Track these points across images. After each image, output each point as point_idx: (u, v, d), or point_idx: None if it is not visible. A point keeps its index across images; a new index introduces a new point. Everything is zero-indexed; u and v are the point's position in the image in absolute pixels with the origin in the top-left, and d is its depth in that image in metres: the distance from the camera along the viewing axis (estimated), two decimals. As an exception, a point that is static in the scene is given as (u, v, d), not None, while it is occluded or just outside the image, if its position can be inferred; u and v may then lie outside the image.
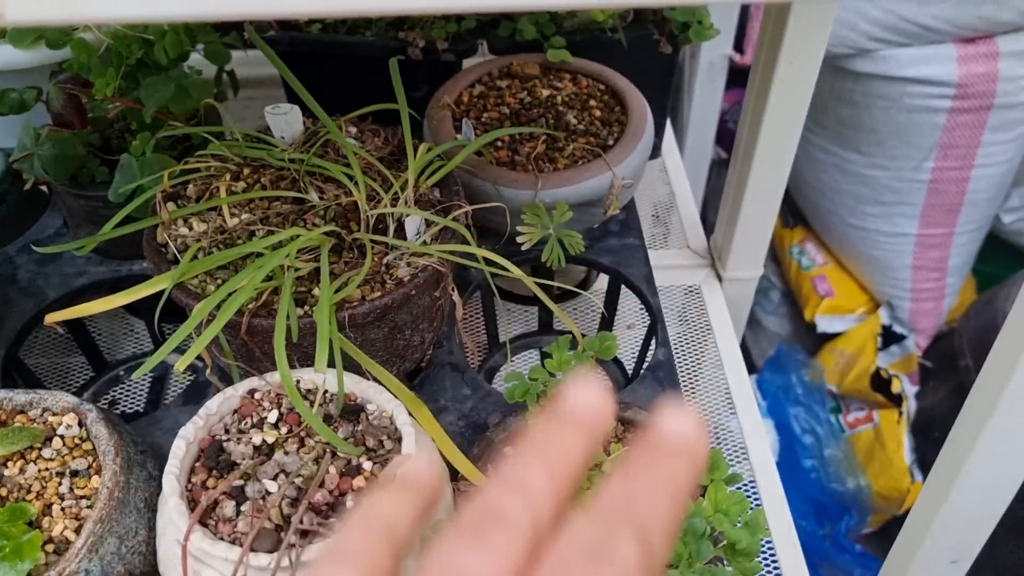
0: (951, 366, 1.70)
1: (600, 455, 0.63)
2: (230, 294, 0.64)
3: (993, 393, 0.62)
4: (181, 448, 0.62)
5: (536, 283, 0.72)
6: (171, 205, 0.74)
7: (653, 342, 0.87)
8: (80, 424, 0.68)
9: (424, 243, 0.72)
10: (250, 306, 0.66)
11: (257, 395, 0.67)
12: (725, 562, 0.61)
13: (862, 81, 1.45)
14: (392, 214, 0.72)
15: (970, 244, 1.64)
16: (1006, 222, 1.69)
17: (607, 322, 0.98)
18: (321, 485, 0.60)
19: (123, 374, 0.97)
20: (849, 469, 1.54)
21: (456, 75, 0.98)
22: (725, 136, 1.89)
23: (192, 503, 0.61)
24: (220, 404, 0.66)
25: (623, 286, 0.93)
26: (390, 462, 0.62)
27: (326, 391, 0.66)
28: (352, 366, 0.68)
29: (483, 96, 0.96)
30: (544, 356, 1.01)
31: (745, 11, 1.51)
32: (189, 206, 0.73)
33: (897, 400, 1.61)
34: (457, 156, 0.79)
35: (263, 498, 0.60)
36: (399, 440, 0.63)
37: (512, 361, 1.00)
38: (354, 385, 0.67)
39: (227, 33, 1.01)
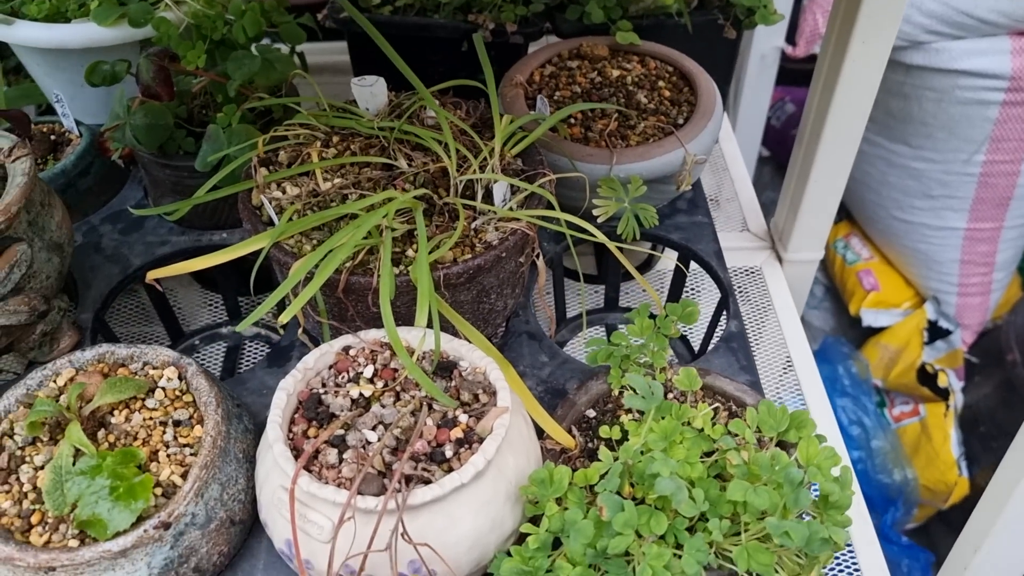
0: (997, 362, 1.70)
1: (690, 411, 0.64)
2: (329, 251, 0.66)
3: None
4: (282, 399, 0.64)
5: (618, 249, 0.74)
6: (264, 171, 0.77)
7: (723, 317, 0.88)
8: (180, 378, 0.70)
9: (511, 209, 0.74)
10: (347, 264, 0.68)
11: (352, 352, 0.69)
12: (811, 517, 0.62)
13: (913, 73, 1.46)
14: (480, 180, 0.74)
15: (1019, 239, 1.64)
16: (1054, 218, 1.69)
17: (674, 299, 0.99)
18: (420, 436, 0.62)
19: (199, 343, 0.99)
20: (896, 461, 1.54)
21: (526, 56, 1.00)
22: (768, 133, 1.90)
23: (296, 451, 0.62)
24: (317, 359, 0.68)
25: (692, 263, 0.94)
26: (486, 414, 0.64)
27: (423, 348, 0.68)
28: (444, 326, 0.70)
29: (554, 76, 0.98)
30: (611, 332, 1.03)
31: (798, 3, 1.53)
32: (283, 170, 0.75)
33: (944, 394, 1.61)
34: (539, 128, 0.80)
35: (364, 447, 0.62)
36: (494, 394, 0.65)
37: (582, 335, 1.01)
38: (447, 343, 0.68)
39: (301, 15, 1.04)
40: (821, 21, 1.44)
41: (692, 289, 1.05)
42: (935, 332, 1.70)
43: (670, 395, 0.75)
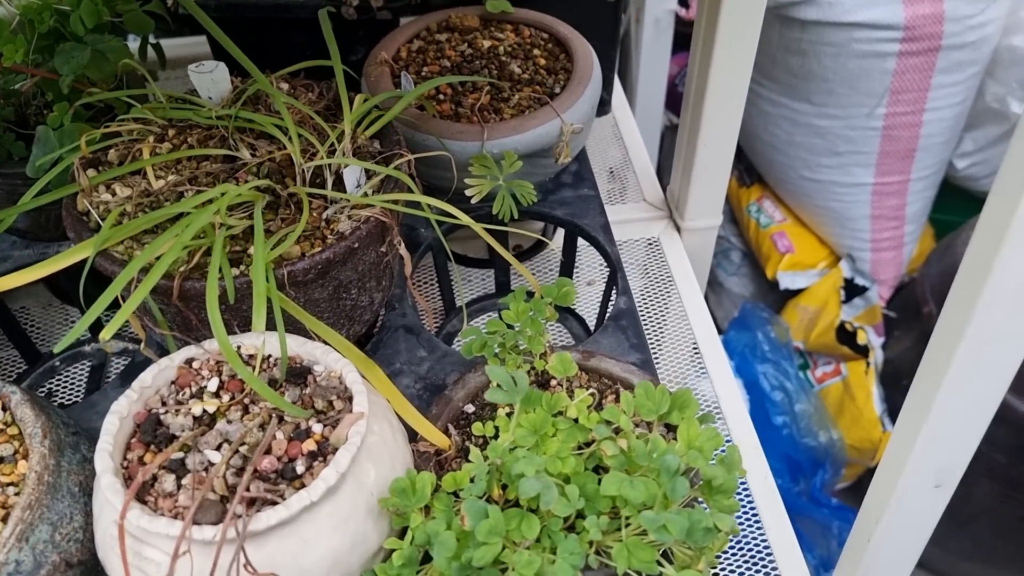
0: (915, 315, 1.69)
1: (565, 400, 0.59)
2: (158, 257, 0.59)
3: (959, 323, 0.59)
4: (114, 424, 0.58)
5: (489, 234, 0.69)
6: (91, 172, 0.70)
7: (614, 293, 0.84)
8: (4, 408, 0.63)
9: (365, 195, 0.68)
10: (181, 269, 0.61)
11: (195, 364, 0.62)
12: (702, 503, 0.58)
13: (809, 29, 1.43)
14: (329, 166, 0.68)
15: (926, 191, 1.64)
16: (959, 167, 1.69)
17: (567, 277, 0.94)
18: (268, 451, 0.56)
19: (59, 364, 0.92)
20: (820, 423, 1.53)
21: (393, 31, 0.94)
22: (675, 101, 1.87)
23: (129, 481, 0.56)
24: (155, 376, 0.61)
25: (580, 239, 0.89)
26: (340, 422, 0.58)
27: (268, 355, 0.62)
28: (297, 328, 0.64)
29: (422, 51, 0.92)
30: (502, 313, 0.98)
31: (688, -36, 1.49)
32: (111, 170, 0.68)
33: (864, 351, 1.60)
34: (396, 105, 0.75)
35: (206, 469, 0.56)
36: (350, 399, 0.59)
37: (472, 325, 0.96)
38: (299, 347, 0.62)
39: (148, 1, 0.96)
40: (712, -19, 1.41)
41: (588, 267, 1.01)
42: (852, 290, 1.69)
43: (552, 383, 0.70)
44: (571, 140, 0.84)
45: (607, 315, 0.80)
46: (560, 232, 1.04)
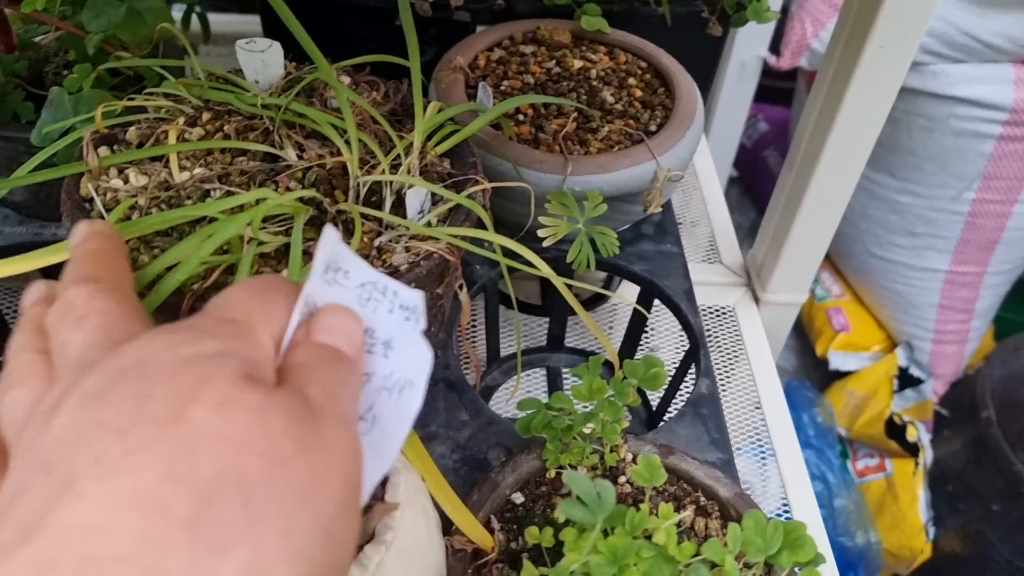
0: (970, 416, 1.56)
1: (649, 519, 0.47)
2: (169, 268, 0.47)
3: None
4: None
5: (568, 279, 0.57)
6: (105, 150, 0.58)
7: (691, 370, 0.72)
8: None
9: (428, 224, 0.56)
10: (195, 286, 0.49)
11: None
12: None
13: (906, 96, 1.32)
14: (390, 184, 0.56)
15: (1001, 286, 1.51)
16: (1037, 266, 1.56)
17: (630, 344, 0.82)
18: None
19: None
20: (859, 522, 1.39)
21: (472, 36, 0.82)
22: (737, 152, 1.75)
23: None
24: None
25: (656, 301, 0.77)
26: (369, 511, 0.46)
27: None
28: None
29: (503, 62, 0.80)
30: (552, 376, 0.86)
31: (785, 9, 1.37)
32: (127, 152, 0.56)
33: (913, 450, 1.47)
34: (475, 121, 0.63)
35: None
36: (384, 481, 0.47)
37: (519, 380, 0.84)
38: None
39: (202, -34, 0.85)
40: (810, 30, 1.29)
41: (651, 328, 0.89)
42: (905, 380, 1.56)
43: (621, 479, 0.57)
44: (665, 187, 0.72)
45: (685, 396, 0.68)
46: (624, 284, 0.92)
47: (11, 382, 0.29)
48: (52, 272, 0.57)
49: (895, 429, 1.49)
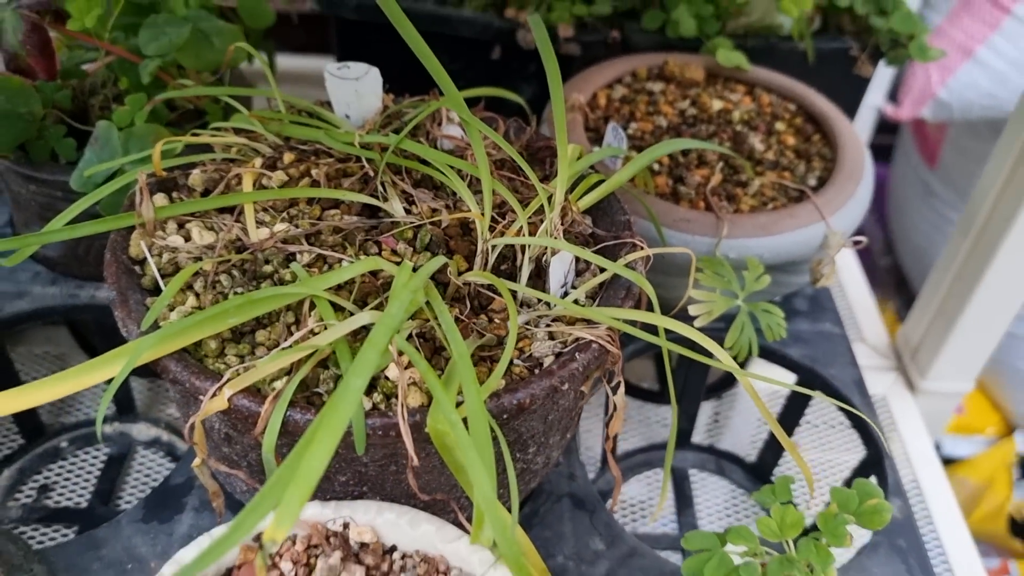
0: (1099, 512, 1.39)
1: None
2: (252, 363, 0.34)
3: None
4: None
5: (756, 396, 0.43)
6: (162, 199, 0.45)
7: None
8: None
9: (576, 302, 0.43)
10: (276, 384, 0.36)
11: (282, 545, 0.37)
12: None
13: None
14: (526, 248, 0.43)
15: None
16: None
17: (773, 446, 0.68)
18: None
19: (66, 446, 0.67)
20: (984, 636, 1.21)
21: (588, 70, 0.70)
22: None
23: None
24: (199, 558, 0.35)
25: (816, 392, 0.63)
26: None
27: (392, 546, 0.36)
28: (441, 507, 0.38)
29: (628, 100, 0.68)
30: (679, 478, 0.71)
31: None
32: (190, 202, 0.43)
33: (1041, 551, 1.30)
34: (624, 168, 0.50)
35: None
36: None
37: (630, 482, 0.69)
38: (446, 543, 0.37)
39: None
40: (935, 78, 1.16)
41: (790, 424, 0.74)
42: (1025, 469, 1.39)
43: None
44: (837, 254, 0.58)
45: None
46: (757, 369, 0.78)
47: None
48: (76, 324, 0.44)
49: (1020, 527, 1.32)
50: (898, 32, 0.74)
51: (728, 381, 0.77)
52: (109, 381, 0.36)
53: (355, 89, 0.51)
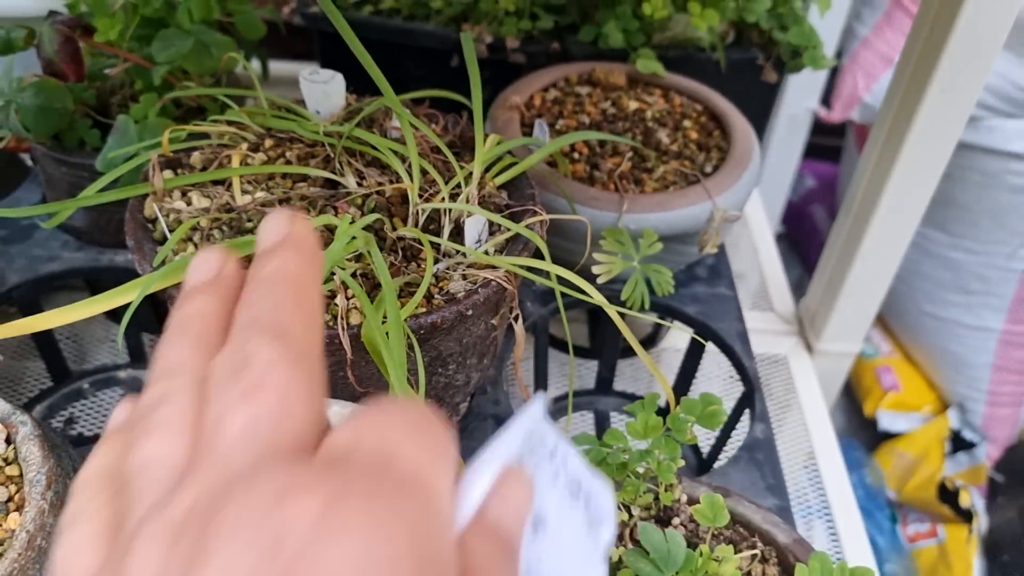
0: (1025, 483, 1.51)
1: (710, 564, 0.45)
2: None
3: None
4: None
5: (619, 322, 0.56)
6: (169, 174, 0.58)
7: (744, 416, 0.70)
8: (8, 441, 0.51)
9: (486, 253, 0.56)
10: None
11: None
12: None
13: (960, 152, 1.30)
14: (449, 212, 0.56)
15: (1059, 348, 1.47)
16: (1095, 329, 1.52)
17: (682, 388, 0.80)
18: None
19: (88, 387, 0.80)
20: (910, 590, 1.34)
21: (528, 76, 0.83)
22: (786, 209, 1.74)
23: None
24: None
25: (708, 344, 0.76)
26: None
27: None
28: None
29: (559, 102, 0.81)
30: (600, 419, 0.84)
31: (835, 64, 1.37)
32: (191, 175, 0.57)
33: (966, 516, 1.42)
34: (533, 155, 0.63)
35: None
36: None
37: (564, 422, 0.82)
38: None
39: (263, 5, 0.87)
40: (861, 84, 1.29)
41: (702, 375, 0.87)
42: (957, 443, 1.51)
43: (675, 520, 0.55)
44: (721, 228, 0.71)
45: (738, 442, 0.66)
46: (673, 329, 0.91)
47: (157, 422, 0.23)
48: (98, 286, 0.57)
49: (948, 494, 1.44)
50: (795, 44, 0.87)
51: (652, 339, 0.90)
52: (124, 320, 0.49)
53: (324, 91, 0.64)
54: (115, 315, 0.86)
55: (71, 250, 0.74)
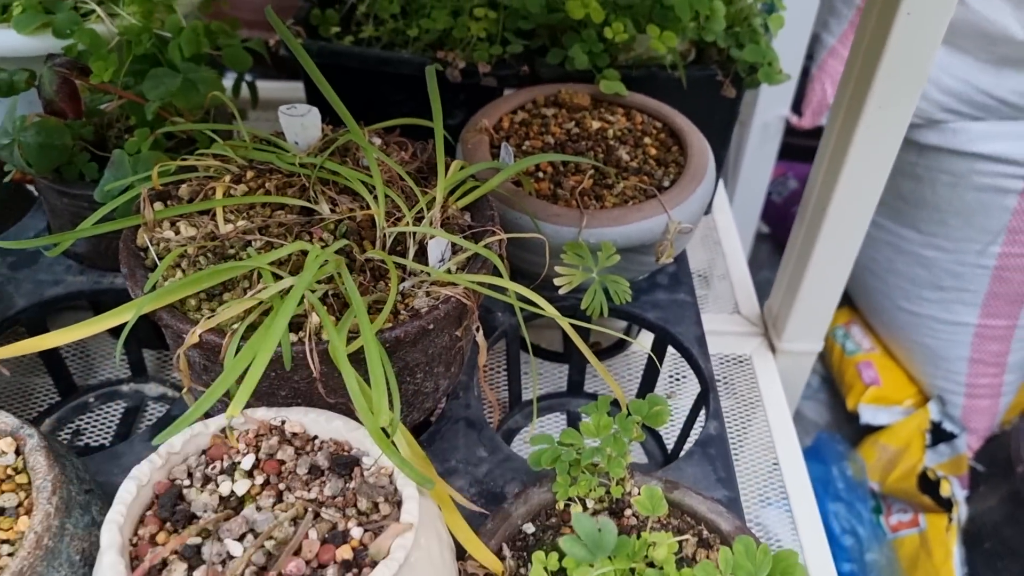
0: (1005, 472, 1.55)
1: (649, 546, 0.50)
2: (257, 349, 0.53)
3: None
4: (130, 492, 0.51)
5: (575, 330, 0.61)
6: (159, 205, 0.64)
7: (703, 414, 0.75)
8: (17, 452, 0.56)
9: (448, 271, 0.61)
10: (235, 326, 0.55)
11: (233, 434, 0.55)
12: None
13: (928, 154, 1.35)
14: (413, 234, 0.61)
15: (1033, 340, 1.52)
16: (1070, 321, 1.56)
17: (647, 389, 0.86)
18: (297, 552, 0.48)
19: (93, 401, 0.86)
20: (891, 578, 1.39)
21: (497, 100, 0.88)
22: (768, 209, 1.79)
23: (136, 562, 0.49)
24: (186, 442, 0.54)
25: (669, 347, 0.81)
26: (384, 530, 0.50)
27: (314, 436, 0.55)
28: (347, 409, 0.56)
29: (526, 124, 0.86)
30: (573, 420, 0.89)
31: (806, 71, 1.42)
32: (179, 207, 0.62)
33: (947, 505, 1.46)
34: (494, 178, 0.68)
35: (223, 563, 0.48)
36: (399, 504, 0.51)
37: (537, 424, 0.88)
38: (348, 432, 0.55)
39: (248, 39, 0.93)
40: (830, 91, 1.34)
41: (671, 377, 0.92)
42: (938, 435, 1.56)
43: (627, 512, 0.61)
44: (676, 239, 0.76)
45: (695, 440, 0.71)
46: (643, 334, 0.96)
47: None
48: (101, 307, 0.63)
49: (928, 484, 1.49)
50: (751, 61, 0.92)
51: (619, 346, 0.95)
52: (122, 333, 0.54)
53: (301, 123, 0.69)
54: (118, 333, 0.91)
55: (74, 274, 0.80)
